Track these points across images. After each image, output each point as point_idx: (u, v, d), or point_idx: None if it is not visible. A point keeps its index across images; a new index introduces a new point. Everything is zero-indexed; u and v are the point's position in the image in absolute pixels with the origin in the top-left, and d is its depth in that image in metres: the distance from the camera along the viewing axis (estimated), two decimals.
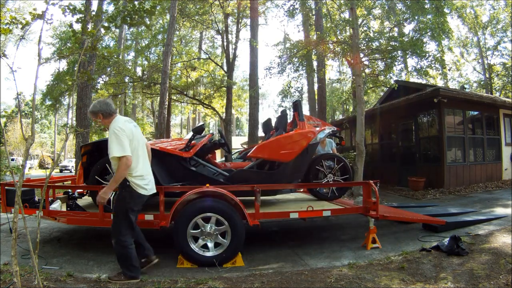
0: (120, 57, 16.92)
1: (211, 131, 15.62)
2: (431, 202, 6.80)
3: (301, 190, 5.22)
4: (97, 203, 2.91)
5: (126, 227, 2.86)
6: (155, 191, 3.05)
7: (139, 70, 19.79)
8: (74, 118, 14.06)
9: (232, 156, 9.45)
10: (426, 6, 7.64)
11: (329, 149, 5.78)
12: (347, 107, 22.14)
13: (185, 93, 16.60)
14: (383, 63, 8.33)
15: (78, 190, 4.45)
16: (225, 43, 16.23)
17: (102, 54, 10.36)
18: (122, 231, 2.84)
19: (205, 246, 3.32)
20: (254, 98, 11.82)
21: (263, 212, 3.63)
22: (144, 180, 2.88)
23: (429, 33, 7.52)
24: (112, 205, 3.58)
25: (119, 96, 17.34)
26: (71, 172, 22.75)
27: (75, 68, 12.73)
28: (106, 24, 2.70)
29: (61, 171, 24.58)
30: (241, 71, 35.79)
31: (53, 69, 28.90)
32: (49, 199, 3.82)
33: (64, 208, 3.83)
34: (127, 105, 22.43)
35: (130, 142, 2.74)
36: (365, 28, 8.76)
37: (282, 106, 10.55)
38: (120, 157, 2.66)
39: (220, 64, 17.35)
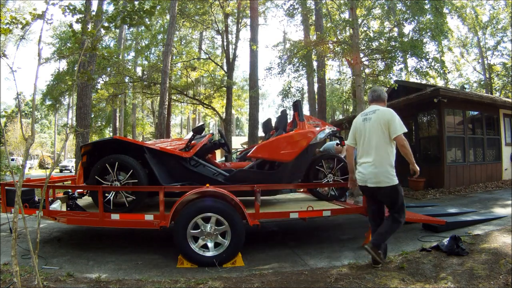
0: (120, 57, 16.93)
1: (211, 131, 15.62)
2: (431, 202, 6.80)
3: (301, 190, 5.22)
4: (415, 175, 3.03)
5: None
6: (368, 185, 3.01)
7: (139, 70, 19.81)
8: (74, 118, 14.08)
9: (233, 156, 9.46)
10: (426, 7, 7.64)
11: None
12: (347, 107, 22.15)
13: (185, 93, 16.60)
14: (383, 63, 8.33)
15: (78, 190, 4.46)
16: (225, 43, 16.23)
17: (102, 54, 10.37)
18: None
19: (205, 246, 3.32)
20: (254, 98, 11.83)
21: (263, 212, 3.62)
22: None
23: (429, 33, 7.52)
24: (111, 206, 3.59)
25: (119, 96, 17.34)
26: (71, 172, 22.76)
27: (75, 68, 12.74)
28: (106, 24, 2.70)
29: (61, 171, 24.58)
30: (241, 71, 35.86)
31: (53, 69, 28.99)
32: (49, 199, 3.82)
33: (64, 208, 3.83)
34: (127, 105, 22.47)
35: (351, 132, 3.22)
36: (365, 28, 8.75)
37: (282, 106, 10.55)
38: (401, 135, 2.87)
39: (220, 64, 17.35)
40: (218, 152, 10.48)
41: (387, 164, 2.93)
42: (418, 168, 3.02)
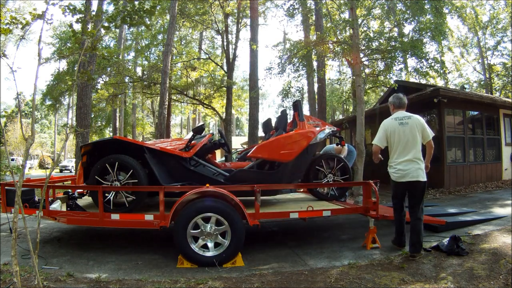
0: (120, 57, 16.93)
1: (211, 131, 15.62)
2: (431, 202, 6.80)
3: (301, 190, 5.22)
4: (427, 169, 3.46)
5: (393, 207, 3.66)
6: (409, 179, 3.39)
7: (139, 70, 19.82)
8: (74, 118, 14.08)
9: (233, 156, 9.46)
10: (426, 7, 7.63)
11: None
12: (347, 107, 22.15)
13: (185, 93, 16.59)
14: (383, 63, 8.32)
15: (78, 190, 4.46)
16: (225, 43, 16.21)
17: (102, 54, 10.38)
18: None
19: (205, 246, 3.32)
20: (254, 98, 11.83)
21: (263, 212, 3.62)
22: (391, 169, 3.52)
23: (429, 34, 7.52)
24: (111, 206, 3.59)
25: (119, 96, 17.34)
26: (71, 172, 22.76)
27: (75, 68, 12.74)
28: (106, 24, 2.70)
29: (61, 171, 24.58)
30: (241, 71, 35.85)
31: (53, 69, 29.02)
32: (49, 199, 3.82)
33: (64, 208, 3.83)
34: (127, 105, 22.47)
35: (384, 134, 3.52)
36: (365, 28, 8.75)
37: (282, 106, 10.55)
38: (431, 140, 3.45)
39: (220, 64, 17.34)
40: (218, 152, 10.48)
41: (422, 162, 3.42)
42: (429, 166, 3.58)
